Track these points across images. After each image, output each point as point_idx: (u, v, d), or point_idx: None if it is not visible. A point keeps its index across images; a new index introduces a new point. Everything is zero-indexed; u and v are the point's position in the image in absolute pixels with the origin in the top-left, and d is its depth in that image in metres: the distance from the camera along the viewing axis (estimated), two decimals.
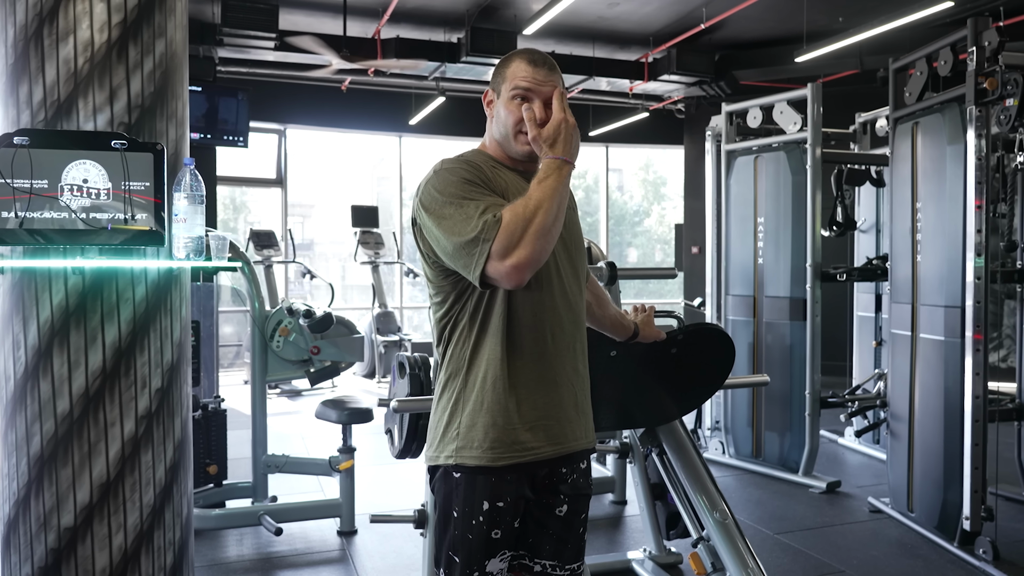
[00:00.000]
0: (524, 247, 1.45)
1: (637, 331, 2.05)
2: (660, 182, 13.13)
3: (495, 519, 1.63)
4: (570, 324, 1.68)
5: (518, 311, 1.61)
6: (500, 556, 1.66)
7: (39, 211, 2.08)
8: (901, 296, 3.93)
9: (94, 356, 2.18)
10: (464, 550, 1.65)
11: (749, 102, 5.11)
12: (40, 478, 2.18)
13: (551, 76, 1.63)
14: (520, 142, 1.63)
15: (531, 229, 1.46)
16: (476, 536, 1.63)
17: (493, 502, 1.62)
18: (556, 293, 1.65)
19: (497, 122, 1.67)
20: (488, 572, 1.66)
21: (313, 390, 7.41)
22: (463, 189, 1.55)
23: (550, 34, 7.86)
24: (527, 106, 1.60)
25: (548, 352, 1.64)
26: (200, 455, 3.74)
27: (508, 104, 1.63)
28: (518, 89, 1.61)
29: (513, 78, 1.63)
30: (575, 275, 1.72)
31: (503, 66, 1.67)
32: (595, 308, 1.99)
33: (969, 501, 3.36)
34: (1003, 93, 3.29)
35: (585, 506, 1.77)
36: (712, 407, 5.26)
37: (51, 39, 2.15)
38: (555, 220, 1.49)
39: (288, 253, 8.17)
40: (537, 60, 1.64)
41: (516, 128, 1.63)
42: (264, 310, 3.92)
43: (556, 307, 1.65)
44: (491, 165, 1.66)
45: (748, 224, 5.02)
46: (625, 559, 3.38)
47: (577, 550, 1.76)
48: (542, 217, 1.47)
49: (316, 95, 9.18)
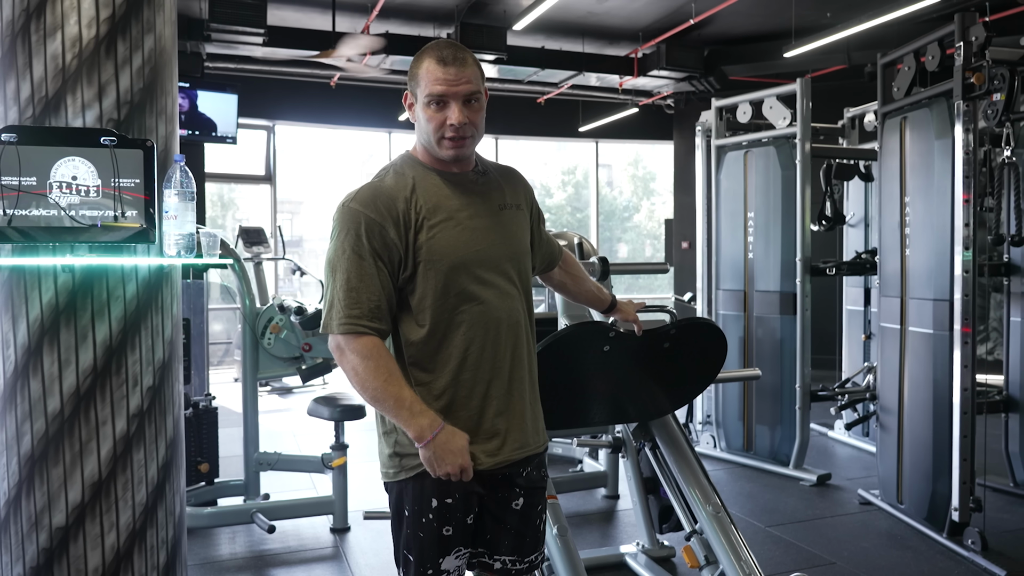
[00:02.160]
0: (342, 363, 1.59)
1: (615, 303, 2.06)
2: (650, 177, 13.16)
3: (445, 516, 1.62)
4: (507, 332, 1.65)
5: (449, 326, 1.60)
6: (455, 553, 1.65)
7: (28, 209, 2.07)
8: (890, 290, 3.95)
9: (85, 354, 2.17)
10: (417, 548, 1.64)
11: (738, 97, 5.12)
12: (31, 477, 2.17)
13: (463, 72, 1.57)
14: (444, 147, 1.60)
15: (352, 376, 1.57)
16: (427, 534, 1.63)
17: (442, 499, 1.62)
18: (489, 306, 1.62)
19: (419, 128, 1.63)
20: (443, 570, 1.65)
21: (304, 387, 7.39)
22: (351, 260, 1.56)
23: (539, 29, 7.85)
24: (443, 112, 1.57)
25: (487, 367, 1.63)
26: (192, 453, 3.72)
27: (425, 110, 1.59)
28: (432, 95, 1.57)
29: (426, 82, 1.58)
30: (513, 282, 1.68)
31: (415, 67, 1.61)
32: (571, 287, 2.03)
33: (958, 492, 3.39)
34: (990, 88, 3.31)
35: (541, 498, 1.77)
36: (703, 401, 5.28)
37: (38, 35, 2.13)
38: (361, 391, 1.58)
39: (278, 250, 8.13)
40: (447, 58, 1.57)
41: (438, 135, 1.60)
42: (255, 307, 3.91)
43: (488, 319, 1.62)
44: (421, 178, 1.62)
45: (738, 219, 5.04)
46: (618, 553, 3.39)
47: (535, 542, 1.76)
48: (360, 385, 1.57)
49: (305, 91, 9.13)
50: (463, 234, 1.60)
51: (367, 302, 1.55)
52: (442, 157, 1.63)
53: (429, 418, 1.54)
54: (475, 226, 1.63)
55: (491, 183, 1.71)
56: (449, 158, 1.62)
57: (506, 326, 1.65)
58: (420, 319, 1.60)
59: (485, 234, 1.64)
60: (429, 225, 1.58)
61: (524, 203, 1.77)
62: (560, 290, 2.07)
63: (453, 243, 1.59)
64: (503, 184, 1.73)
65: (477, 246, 1.61)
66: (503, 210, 1.69)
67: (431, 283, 1.58)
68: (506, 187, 1.73)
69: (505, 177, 1.76)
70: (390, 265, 1.57)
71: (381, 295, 1.56)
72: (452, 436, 1.55)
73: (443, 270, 1.58)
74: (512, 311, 1.66)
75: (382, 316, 1.57)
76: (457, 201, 1.63)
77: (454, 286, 1.59)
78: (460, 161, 1.65)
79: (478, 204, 1.65)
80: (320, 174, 11.05)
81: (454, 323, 1.60)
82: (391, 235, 1.56)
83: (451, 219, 1.60)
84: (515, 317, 1.67)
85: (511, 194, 1.73)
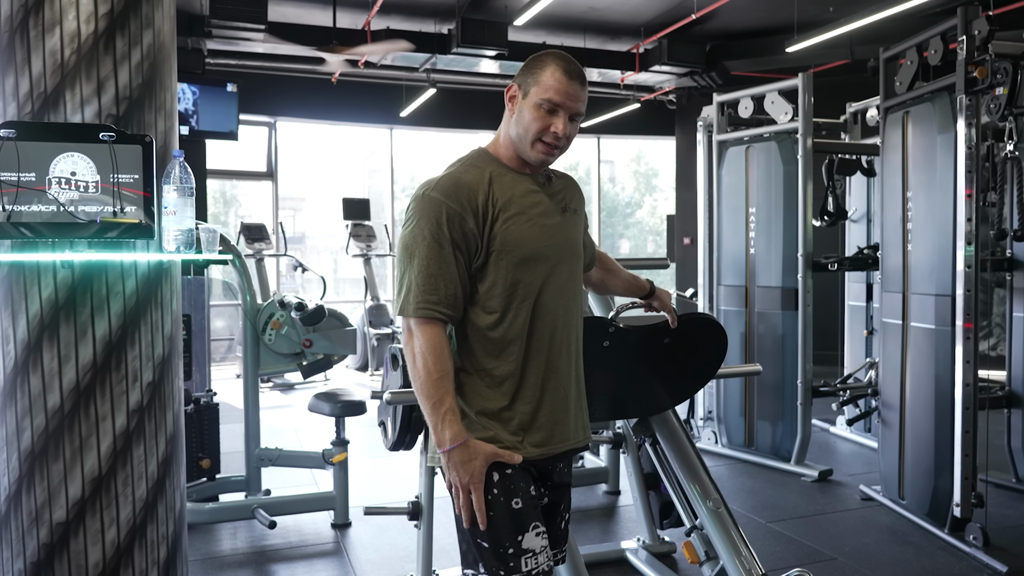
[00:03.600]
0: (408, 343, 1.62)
1: (653, 289, 2.11)
2: (652, 173, 13.14)
3: (508, 487, 1.61)
4: (563, 329, 1.71)
5: (516, 316, 1.65)
6: (534, 529, 1.61)
7: (27, 204, 2.06)
8: (892, 285, 3.94)
9: (84, 350, 2.17)
10: (490, 531, 1.60)
11: (740, 92, 5.11)
12: (31, 473, 2.17)
13: (581, 92, 1.65)
14: (537, 151, 1.65)
15: (412, 359, 1.60)
16: (497, 511, 1.59)
17: (502, 469, 1.61)
18: (552, 300, 1.68)
19: (518, 122, 1.66)
20: (526, 549, 1.59)
21: (306, 383, 7.40)
22: (429, 246, 1.60)
23: (540, 25, 7.83)
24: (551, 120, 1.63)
25: (543, 358, 1.67)
26: (193, 449, 3.73)
27: (534, 110, 1.63)
28: (549, 101, 1.62)
29: (546, 86, 1.62)
30: (571, 279, 1.75)
31: (537, 67, 1.65)
32: (608, 280, 2.10)
33: (959, 488, 3.38)
34: (993, 82, 3.30)
35: (566, 495, 1.82)
36: (705, 397, 5.28)
37: (37, 30, 2.13)
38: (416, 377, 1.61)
39: (279, 246, 8.14)
40: (573, 72, 1.63)
41: (537, 136, 1.64)
42: (256, 303, 3.91)
43: (548, 314, 1.67)
44: (497, 173, 1.67)
45: (740, 214, 5.03)
46: (619, 549, 3.39)
47: (556, 539, 1.80)
48: (415, 371, 1.60)
49: (306, 87, 9.13)
50: (533, 229, 1.65)
51: (444, 289, 1.59)
52: (530, 158, 1.67)
53: (455, 431, 1.58)
54: (544, 223, 1.68)
55: (555, 186, 1.78)
56: (537, 162, 1.68)
57: (562, 322, 1.70)
58: (489, 306, 1.64)
59: (552, 232, 1.69)
60: (504, 218, 1.63)
61: (580, 208, 1.85)
62: (599, 288, 2.15)
63: (524, 236, 1.64)
64: (565, 189, 1.81)
65: (545, 242, 1.67)
66: (565, 212, 1.76)
67: (501, 272, 1.63)
68: (567, 192, 1.81)
69: (566, 182, 1.84)
70: (467, 255, 1.62)
71: (457, 284, 1.60)
72: (467, 452, 1.58)
73: (513, 261, 1.62)
74: (569, 309, 1.73)
75: (456, 305, 1.61)
76: (529, 199, 1.68)
77: (523, 278, 1.64)
78: (542, 167, 1.72)
79: (546, 204, 1.71)
80: (322, 170, 11.04)
81: (520, 313, 1.64)
82: (470, 225, 1.60)
83: (523, 214, 1.65)
84: (572, 314, 1.74)
85: (571, 198, 1.81)
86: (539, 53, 1.69)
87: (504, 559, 1.58)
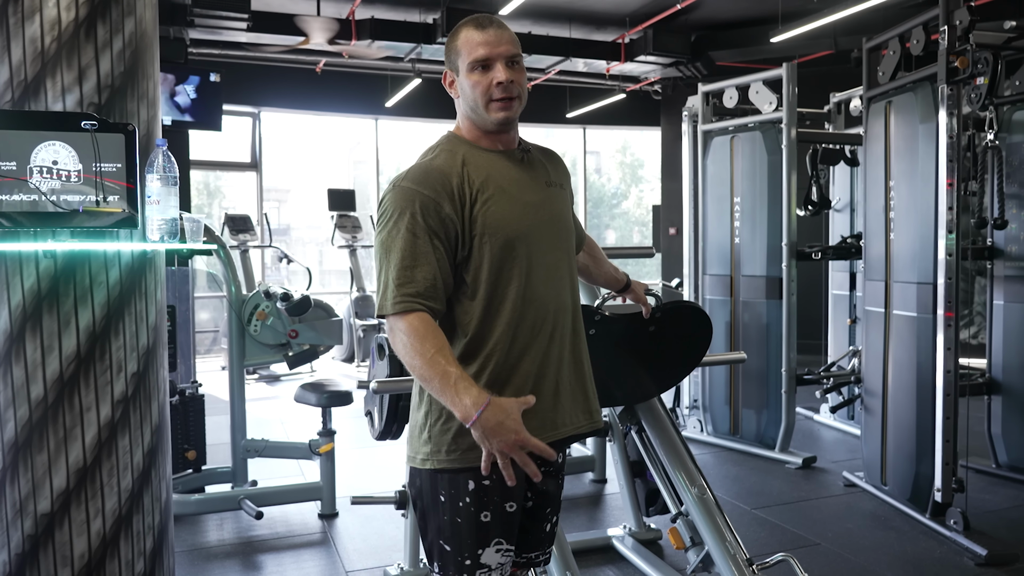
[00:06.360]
0: (392, 337, 1.53)
1: (628, 284, 2.09)
2: (637, 164, 13.15)
3: (482, 499, 1.56)
4: (556, 312, 1.63)
5: (503, 300, 1.57)
6: (495, 545, 1.58)
7: (8, 194, 2.04)
8: (875, 274, 3.98)
9: (68, 340, 2.15)
10: (455, 537, 1.58)
11: (725, 82, 5.12)
12: (15, 464, 2.15)
13: (503, 33, 1.58)
14: (493, 109, 1.58)
15: (402, 352, 1.50)
16: (465, 519, 1.56)
17: (479, 480, 1.55)
18: (538, 282, 1.60)
19: (464, 99, 1.61)
20: (483, 564, 1.57)
21: (292, 375, 7.38)
22: (406, 239, 1.52)
23: (526, 14, 7.81)
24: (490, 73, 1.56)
25: (535, 343, 1.59)
26: (179, 441, 3.72)
27: (470, 76, 1.58)
28: (476, 60, 1.57)
29: (468, 49, 1.57)
30: (563, 257, 1.67)
31: (452, 40, 1.62)
32: (593, 269, 2.06)
33: (940, 473, 3.43)
34: (974, 72, 3.33)
35: (553, 501, 1.76)
36: (690, 385, 5.31)
37: (16, 17, 2.10)
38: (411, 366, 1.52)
39: (264, 238, 8.09)
40: (483, 22, 1.59)
41: (485, 97, 1.57)
42: (241, 294, 3.89)
43: (538, 297, 1.59)
44: (470, 155, 1.60)
45: (725, 204, 5.05)
46: (605, 536, 3.42)
47: (539, 540, 1.76)
48: (409, 361, 1.50)
49: (290, 77, 9.06)
50: (515, 207, 1.58)
51: (422, 280, 1.50)
52: (491, 121, 1.59)
53: (473, 395, 1.42)
54: (526, 200, 1.61)
55: (535, 161, 1.69)
56: (499, 120, 1.59)
57: (555, 305, 1.62)
58: (473, 291, 1.56)
59: (537, 209, 1.62)
60: (484, 199, 1.55)
61: (566, 183, 1.76)
62: (583, 273, 2.06)
63: (506, 216, 1.56)
64: (546, 163, 1.73)
65: (530, 220, 1.60)
66: (549, 187, 1.68)
67: (486, 255, 1.55)
68: (549, 165, 1.72)
69: (547, 156, 1.75)
70: (447, 242, 1.53)
71: (437, 274, 1.52)
72: (498, 410, 1.43)
73: (498, 243, 1.55)
74: (561, 290, 1.65)
75: (436, 295, 1.52)
76: (507, 176, 1.61)
77: (508, 259, 1.56)
78: (508, 126, 1.62)
79: (527, 180, 1.64)
80: (307, 161, 10.97)
81: (507, 297, 1.56)
82: (446, 210, 1.52)
83: (503, 192, 1.58)
84: (565, 295, 1.65)
85: (555, 172, 1.72)
86: (450, 32, 1.64)
87: (460, 568, 1.59)
